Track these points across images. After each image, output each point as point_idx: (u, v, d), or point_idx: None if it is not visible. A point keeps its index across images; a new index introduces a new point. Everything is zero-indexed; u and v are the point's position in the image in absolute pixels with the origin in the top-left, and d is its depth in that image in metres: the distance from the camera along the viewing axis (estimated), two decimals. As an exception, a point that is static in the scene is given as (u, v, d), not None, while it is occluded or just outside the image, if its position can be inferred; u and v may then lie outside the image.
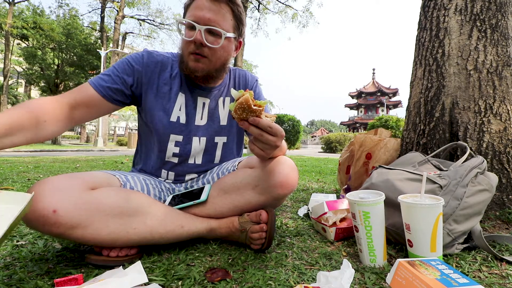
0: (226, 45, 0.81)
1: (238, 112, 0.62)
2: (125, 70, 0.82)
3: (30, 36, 14.65)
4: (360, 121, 33.47)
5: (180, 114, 0.85)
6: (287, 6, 13.36)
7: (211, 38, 0.78)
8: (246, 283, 0.61)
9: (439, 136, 1.19)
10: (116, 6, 15.27)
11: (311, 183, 2.28)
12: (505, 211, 1.07)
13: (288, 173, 0.78)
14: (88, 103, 0.76)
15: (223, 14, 0.78)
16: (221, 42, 0.78)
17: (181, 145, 0.88)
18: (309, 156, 7.56)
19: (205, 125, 0.90)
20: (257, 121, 0.62)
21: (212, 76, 0.85)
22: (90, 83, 0.79)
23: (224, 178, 0.86)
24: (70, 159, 4.71)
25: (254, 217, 0.79)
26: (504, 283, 0.63)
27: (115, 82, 0.80)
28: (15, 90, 21.61)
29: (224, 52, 0.82)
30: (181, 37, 0.80)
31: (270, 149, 0.68)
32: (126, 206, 0.69)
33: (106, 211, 0.66)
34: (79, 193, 0.64)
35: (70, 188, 0.63)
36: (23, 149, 9.63)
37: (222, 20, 0.78)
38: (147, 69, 0.83)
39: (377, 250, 0.70)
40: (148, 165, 0.93)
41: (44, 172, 2.72)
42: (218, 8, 0.77)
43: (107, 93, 0.79)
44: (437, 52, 1.26)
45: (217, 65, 0.83)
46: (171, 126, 0.86)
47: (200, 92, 0.89)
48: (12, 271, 0.64)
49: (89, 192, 0.66)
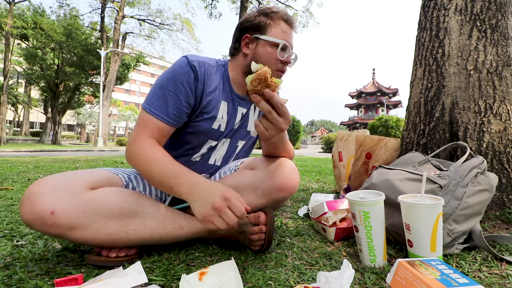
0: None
1: (254, 84, 0.62)
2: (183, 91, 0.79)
3: (30, 36, 14.65)
4: (360, 121, 33.46)
5: (221, 122, 0.86)
6: (287, 6, 13.36)
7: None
8: (246, 283, 0.61)
9: (439, 136, 1.19)
10: (116, 6, 15.28)
11: (311, 183, 2.28)
12: (505, 211, 1.07)
13: (289, 175, 0.78)
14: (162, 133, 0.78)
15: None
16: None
17: (211, 148, 0.89)
18: (309, 156, 7.56)
19: (235, 128, 0.91)
20: (271, 94, 0.62)
21: None
22: (162, 119, 0.76)
23: (225, 179, 0.86)
24: (70, 159, 4.71)
25: (253, 219, 0.80)
26: (504, 283, 0.63)
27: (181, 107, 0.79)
28: (15, 90, 21.62)
29: None
30: (276, 55, 0.84)
31: (275, 130, 0.67)
32: (126, 207, 0.69)
33: (105, 213, 0.66)
34: (78, 193, 0.63)
35: (69, 189, 0.63)
36: (23, 149, 9.63)
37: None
38: (196, 82, 0.80)
39: (377, 250, 0.70)
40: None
41: (44, 172, 2.72)
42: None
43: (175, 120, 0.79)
44: (437, 52, 1.25)
45: None
46: (211, 132, 0.86)
47: (240, 102, 0.90)
48: (12, 271, 0.64)
49: (88, 193, 0.65)
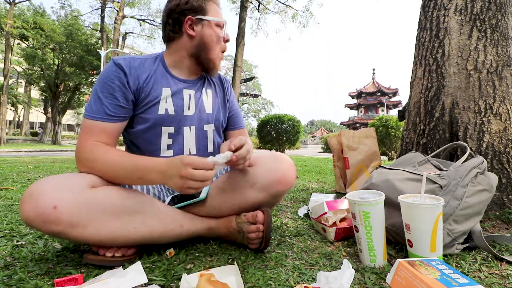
0: None
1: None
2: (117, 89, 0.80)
3: (30, 36, 14.65)
4: (360, 121, 33.44)
5: (167, 106, 0.85)
6: (287, 6, 13.33)
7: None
8: (246, 283, 0.61)
9: (439, 136, 1.19)
10: (116, 6, 15.27)
11: (311, 183, 2.28)
12: (505, 211, 1.07)
13: (286, 169, 0.80)
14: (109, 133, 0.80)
15: None
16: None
17: (173, 136, 0.88)
18: (309, 156, 7.56)
19: (193, 114, 0.91)
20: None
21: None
22: (102, 119, 0.77)
23: (223, 176, 0.86)
24: (70, 159, 4.71)
25: (251, 218, 0.80)
26: (504, 283, 0.63)
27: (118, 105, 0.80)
28: (15, 90, 21.61)
29: None
30: (220, 33, 0.88)
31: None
32: (127, 205, 0.69)
33: (106, 210, 0.66)
34: (79, 191, 0.64)
35: (69, 187, 0.63)
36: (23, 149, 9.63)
37: None
38: (127, 77, 0.81)
39: (377, 250, 0.70)
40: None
41: (44, 172, 2.72)
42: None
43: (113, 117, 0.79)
44: (437, 52, 1.25)
45: None
46: (162, 118, 0.85)
47: (184, 84, 0.90)
48: (12, 271, 0.64)
49: (89, 190, 0.66)
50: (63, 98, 17.43)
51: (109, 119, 0.77)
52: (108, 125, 0.77)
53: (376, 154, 1.66)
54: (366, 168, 1.63)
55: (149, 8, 18.21)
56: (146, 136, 0.85)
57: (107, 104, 0.77)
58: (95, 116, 0.76)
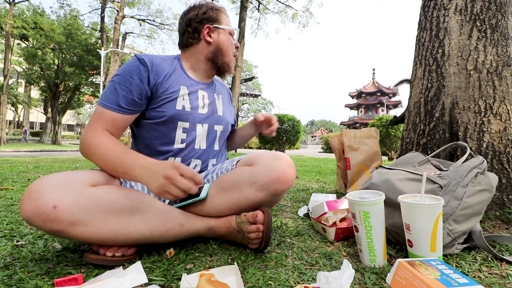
0: None
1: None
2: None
3: (30, 36, 14.64)
4: (360, 121, 33.43)
5: (184, 103, 0.92)
6: (287, 6, 13.33)
7: None
8: (246, 283, 0.61)
9: (439, 136, 1.19)
10: (116, 6, 15.26)
11: (311, 183, 2.28)
12: (505, 211, 1.07)
13: (286, 168, 0.80)
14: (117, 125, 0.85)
15: None
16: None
17: (187, 131, 0.94)
18: (309, 156, 7.57)
19: (206, 113, 0.97)
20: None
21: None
22: (113, 109, 0.83)
23: (223, 176, 0.86)
24: (70, 159, 4.71)
25: (251, 218, 0.80)
26: (504, 283, 0.63)
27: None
28: (15, 90, 21.61)
29: None
30: (233, 41, 1.01)
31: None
32: (127, 203, 0.69)
33: (106, 209, 0.66)
34: (79, 189, 0.64)
35: (70, 186, 0.63)
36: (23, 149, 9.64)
37: None
38: (148, 73, 0.87)
39: (377, 250, 0.70)
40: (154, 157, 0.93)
41: (44, 172, 2.72)
42: None
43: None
44: (437, 52, 1.26)
45: None
46: (179, 114, 0.91)
47: (199, 86, 0.98)
48: (12, 271, 0.64)
49: (89, 189, 0.66)
50: (63, 98, 17.43)
51: (120, 110, 0.82)
52: (118, 116, 0.82)
53: (377, 154, 1.66)
54: (367, 169, 1.63)
55: (149, 8, 18.22)
56: (162, 129, 0.90)
57: (122, 97, 0.81)
58: (108, 105, 0.81)
